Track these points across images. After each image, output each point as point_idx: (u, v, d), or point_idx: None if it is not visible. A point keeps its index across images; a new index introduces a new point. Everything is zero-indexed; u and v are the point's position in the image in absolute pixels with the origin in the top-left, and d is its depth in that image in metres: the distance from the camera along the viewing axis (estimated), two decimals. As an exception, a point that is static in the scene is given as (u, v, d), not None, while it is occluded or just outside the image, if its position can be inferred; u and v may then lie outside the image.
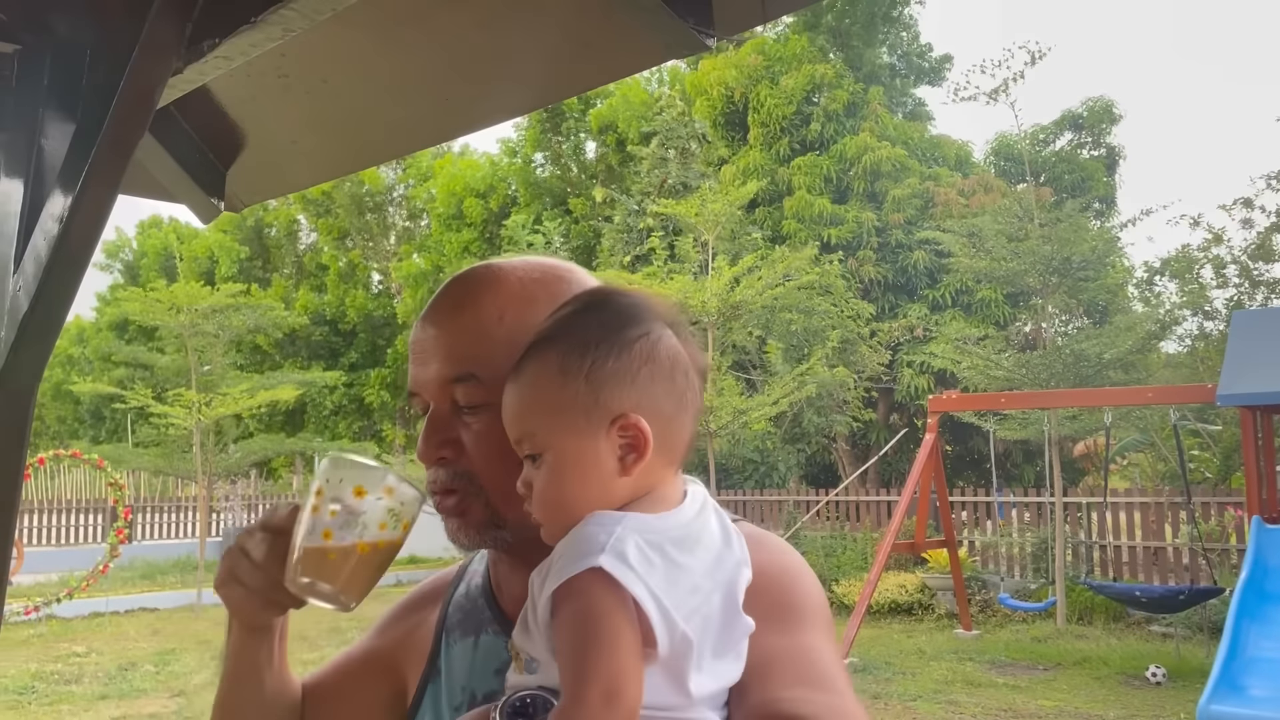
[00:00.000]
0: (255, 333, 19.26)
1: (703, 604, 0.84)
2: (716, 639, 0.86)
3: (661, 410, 0.89)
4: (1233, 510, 11.05)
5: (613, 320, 0.90)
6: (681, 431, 0.91)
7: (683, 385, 0.90)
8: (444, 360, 1.01)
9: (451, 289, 1.06)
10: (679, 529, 0.86)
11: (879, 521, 13.94)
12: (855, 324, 15.88)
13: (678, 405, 0.90)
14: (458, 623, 1.12)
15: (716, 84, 20.07)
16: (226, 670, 1.13)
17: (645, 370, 0.89)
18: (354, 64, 1.41)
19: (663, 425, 0.89)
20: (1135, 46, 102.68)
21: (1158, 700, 7.68)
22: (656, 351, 0.89)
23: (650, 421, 0.88)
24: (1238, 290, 16.46)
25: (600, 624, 0.79)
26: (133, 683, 8.42)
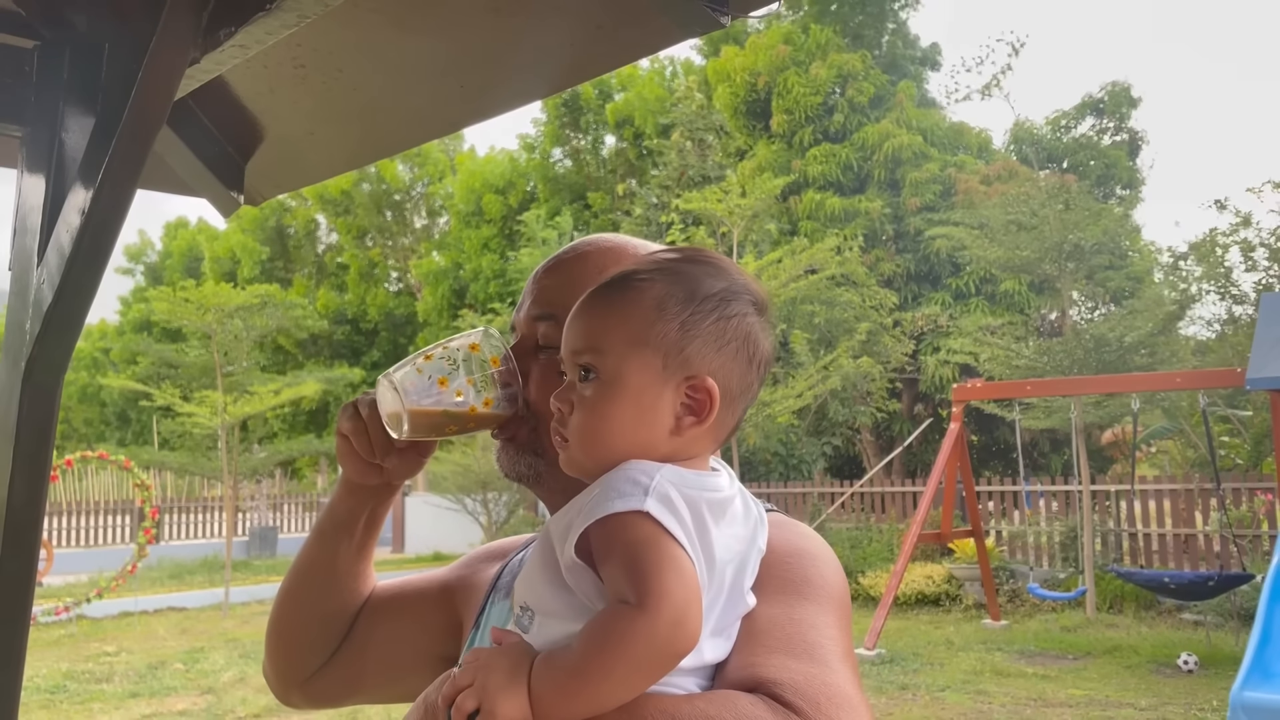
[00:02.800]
0: (279, 333, 19.41)
1: (716, 575, 0.85)
2: (721, 614, 0.86)
3: (730, 388, 0.90)
4: (1263, 496, 10.93)
5: (724, 287, 0.91)
6: (735, 416, 0.92)
7: (753, 375, 0.92)
8: (535, 300, 1.10)
9: (571, 245, 1.15)
10: (714, 493, 0.87)
11: (904, 513, 13.87)
12: (879, 314, 15.81)
13: (742, 390, 0.92)
14: (506, 585, 1.16)
15: (740, 70, 19.96)
16: (315, 524, 1.21)
17: (734, 345, 0.90)
18: (370, 53, 1.41)
19: (727, 403, 0.90)
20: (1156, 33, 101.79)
21: (1190, 688, 7.61)
22: (749, 333, 0.91)
23: (719, 394, 0.88)
24: (1266, 273, 16.25)
25: (664, 551, 0.79)
26: (162, 681, 8.49)
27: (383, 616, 1.24)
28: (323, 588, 1.21)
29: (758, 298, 0.93)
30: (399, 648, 1.23)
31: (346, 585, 1.21)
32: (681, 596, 0.78)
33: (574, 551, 0.83)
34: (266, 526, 20.50)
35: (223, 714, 7.40)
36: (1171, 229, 56.32)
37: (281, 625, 1.23)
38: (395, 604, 1.26)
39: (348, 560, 1.20)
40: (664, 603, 0.77)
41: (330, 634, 1.22)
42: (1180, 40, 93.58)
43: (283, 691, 1.27)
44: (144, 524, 13.13)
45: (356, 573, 1.22)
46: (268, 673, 1.27)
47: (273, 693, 1.29)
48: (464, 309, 24.48)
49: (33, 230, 1.19)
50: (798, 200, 18.57)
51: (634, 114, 24.86)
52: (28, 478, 1.10)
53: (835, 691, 0.83)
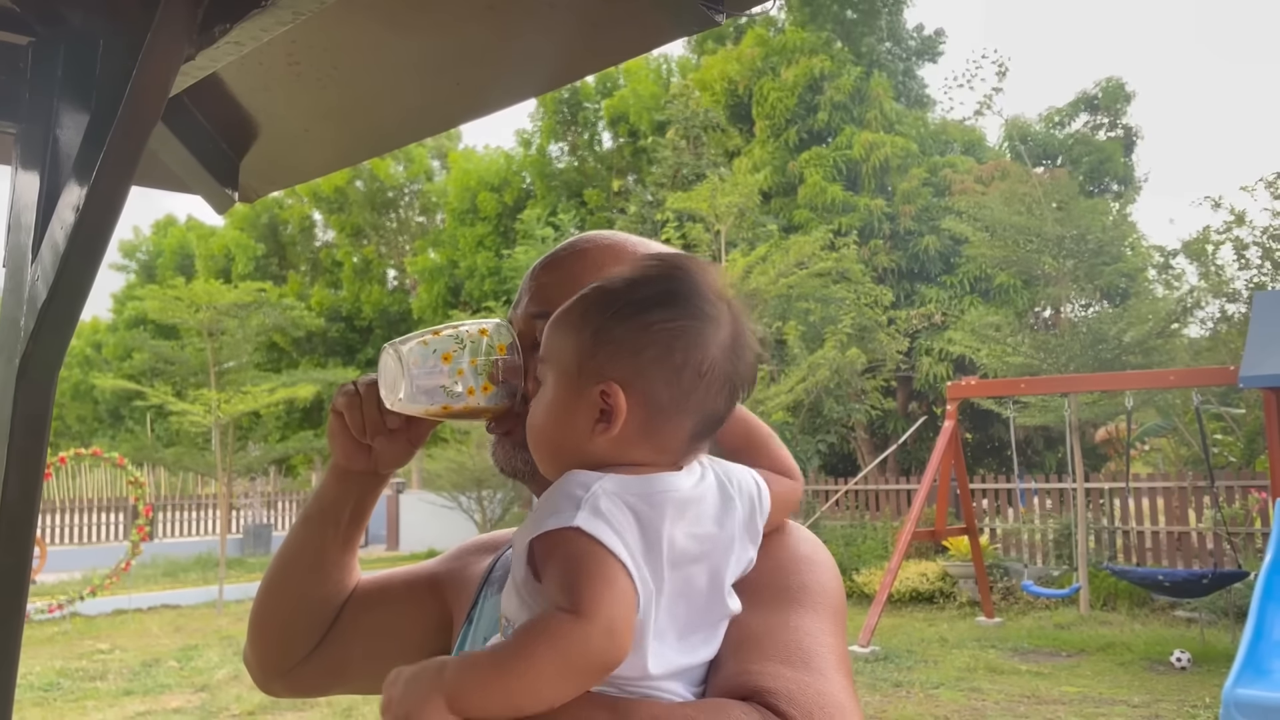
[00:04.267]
0: (275, 330, 19.37)
1: (679, 575, 0.84)
2: (690, 616, 0.85)
3: (655, 397, 0.88)
4: (1257, 493, 10.96)
5: (652, 295, 0.90)
6: (675, 430, 0.89)
7: (690, 385, 0.88)
8: (533, 298, 1.09)
9: (569, 241, 1.14)
10: (668, 493, 0.86)
11: (899, 510, 13.90)
12: (873, 311, 15.82)
13: (676, 401, 0.88)
14: (499, 578, 1.14)
15: (719, 78, 20.05)
16: (300, 515, 1.21)
17: (651, 353, 0.88)
18: (364, 50, 1.41)
19: (650, 412, 0.88)
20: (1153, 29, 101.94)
21: (1183, 685, 7.63)
22: (674, 342, 0.88)
23: (636, 403, 0.87)
24: (1259, 272, 16.30)
25: (597, 566, 0.80)
26: (156, 679, 8.48)
27: (369, 607, 1.24)
28: (307, 576, 1.20)
29: (710, 305, 0.90)
30: (385, 639, 1.22)
31: (331, 575, 1.21)
32: (613, 610, 0.78)
33: (525, 567, 0.85)
34: (261, 524, 20.48)
35: (217, 711, 7.39)
36: (1166, 226, 56.43)
37: (265, 613, 1.23)
38: (382, 594, 1.25)
39: (334, 549, 1.19)
40: (597, 612, 0.78)
41: (314, 623, 1.22)
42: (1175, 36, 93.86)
43: (264, 680, 1.27)
44: (138, 521, 13.12)
45: (342, 563, 1.21)
46: (249, 660, 1.26)
47: (254, 680, 1.29)
48: (459, 306, 24.47)
49: (27, 227, 1.18)
50: (791, 199, 18.58)
51: (629, 111, 24.86)
52: (22, 475, 1.10)
53: (829, 700, 0.83)
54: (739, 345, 0.91)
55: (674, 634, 0.84)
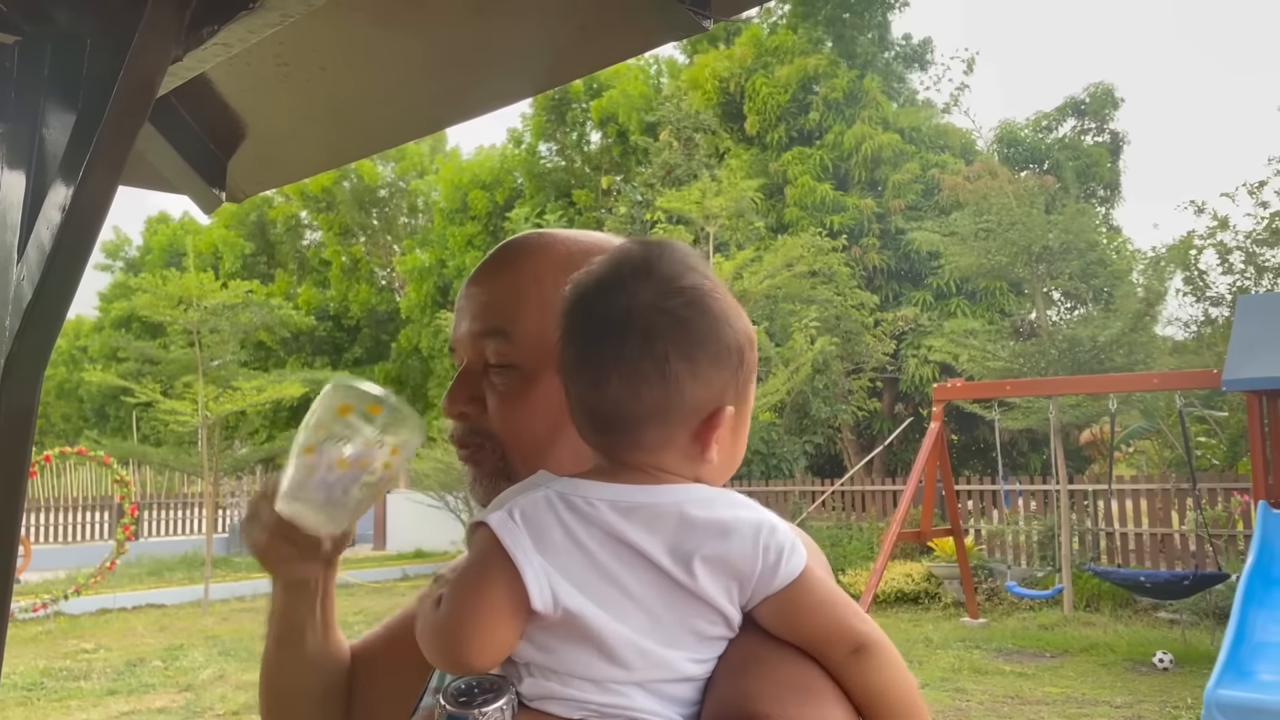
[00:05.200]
0: (262, 329, 19.31)
1: (638, 582, 0.79)
2: (665, 630, 0.79)
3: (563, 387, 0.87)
4: (1239, 496, 11.04)
5: (587, 283, 0.86)
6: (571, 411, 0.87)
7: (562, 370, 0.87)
8: (477, 316, 1.00)
9: (501, 249, 1.06)
10: (620, 498, 0.80)
11: (884, 511, 13.94)
12: (859, 313, 15.86)
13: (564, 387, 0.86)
14: None
15: (711, 77, 20.08)
16: (270, 631, 1.14)
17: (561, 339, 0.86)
18: (352, 52, 1.41)
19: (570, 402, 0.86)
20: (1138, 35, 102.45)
21: (1165, 686, 7.68)
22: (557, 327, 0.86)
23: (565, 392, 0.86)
24: (1242, 276, 16.42)
25: (473, 571, 0.79)
26: (141, 678, 8.45)
27: (377, 672, 1.18)
28: (303, 682, 1.15)
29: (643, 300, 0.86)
30: (397, 702, 1.13)
31: (326, 665, 1.16)
32: (462, 614, 0.78)
33: None
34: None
35: (201, 711, 7.36)
36: (1151, 230, 56.68)
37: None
38: (384, 655, 1.19)
39: (317, 647, 1.14)
40: (445, 612, 0.79)
41: (331, 713, 1.17)
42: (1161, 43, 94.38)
43: None
44: (123, 520, 13.05)
45: (330, 651, 1.16)
46: None
47: None
48: (448, 306, 24.43)
49: (12, 227, 1.18)
50: (779, 199, 18.62)
51: (618, 111, 24.86)
52: (6, 474, 1.10)
53: None
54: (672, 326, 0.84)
55: (651, 636, 0.79)
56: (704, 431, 0.83)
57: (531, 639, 0.79)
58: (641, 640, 0.79)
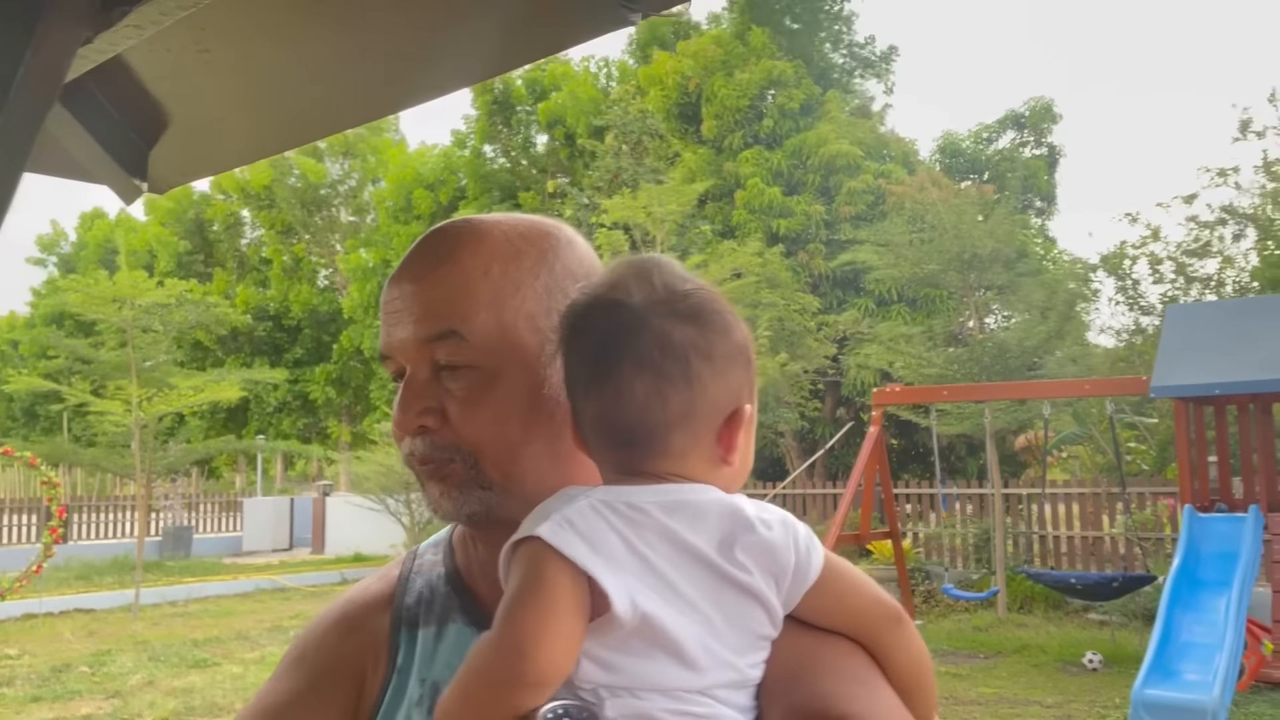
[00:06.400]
0: (198, 328, 18.93)
1: (691, 583, 0.77)
2: (720, 630, 0.77)
3: (572, 405, 0.86)
4: (1166, 500, 11.32)
5: (589, 298, 0.85)
6: (585, 438, 0.85)
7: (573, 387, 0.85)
8: (421, 318, 0.92)
9: (429, 243, 0.97)
10: (663, 499, 0.79)
11: (825, 514, 14.06)
12: (801, 318, 16.00)
13: (576, 405, 0.85)
14: (418, 615, 1.01)
15: (672, 74, 20.08)
16: None
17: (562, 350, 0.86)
18: (278, 39, 1.38)
19: (576, 417, 0.86)
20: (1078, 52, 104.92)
21: (1094, 686, 7.84)
22: (562, 346, 0.86)
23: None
24: (1173, 286, 16.87)
25: (536, 577, 0.74)
26: (67, 684, 8.22)
27: None
28: None
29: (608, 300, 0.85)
30: None
31: None
32: (527, 626, 0.72)
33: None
34: (181, 526, 19.99)
35: (130, 718, 7.19)
36: (1086, 240, 58.03)
37: None
38: None
39: None
40: (510, 628, 0.73)
41: None
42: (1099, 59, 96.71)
43: None
44: (51, 523, 12.70)
45: None
46: None
47: None
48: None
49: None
50: (729, 202, 18.72)
51: (566, 114, 24.83)
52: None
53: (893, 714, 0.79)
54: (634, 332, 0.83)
55: (713, 638, 0.77)
56: (726, 433, 0.82)
57: (594, 657, 0.75)
58: (711, 641, 0.76)
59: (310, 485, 27.32)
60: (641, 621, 0.74)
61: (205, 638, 10.18)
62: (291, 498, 23.07)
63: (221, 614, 12.04)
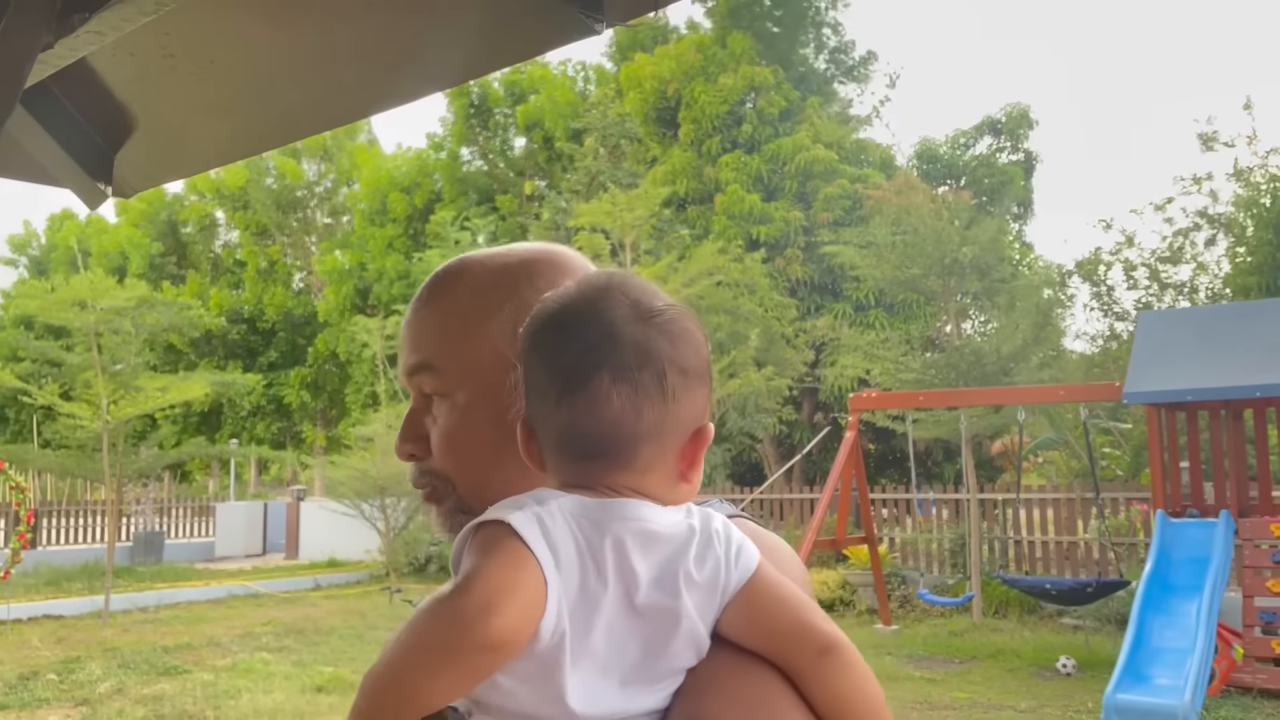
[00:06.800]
0: (170, 330, 18.74)
1: (632, 612, 0.75)
2: (630, 666, 0.75)
3: (532, 420, 0.84)
4: (1139, 505, 11.41)
5: (557, 307, 0.84)
6: (547, 450, 0.83)
7: (527, 401, 0.84)
8: (407, 351, 0.98)
9: (424, 283, 1.02)
10: (648, 527, 0.77)
11: (802, 519, 14.11)
12: (779, 324, 16.04)
13: (541, 415, 0.82)
14: None
15: (651, 78, 20.08)
16: None
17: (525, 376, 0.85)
18: (242, 45, 1.37)
19: (537, 435, 0.84)
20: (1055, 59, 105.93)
21: (1067, 690, 7.89)
22: (527, 355, 0.84)
23: (532, 428, 0.84)
24: (1146, 292, 17.05)
25: (501, 553, 0.72)
26: (34, 692, 8.11)
27: None
28: None
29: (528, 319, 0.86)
30: None
31: None
32: (497, 586, 0.70)
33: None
34: (152, 531, 19.78)
35: (98, 726, 7.10)
36: (1061, 246, 58.52)
37: None
38: None
39: None
40: (475, 585, 0.70)
41: None
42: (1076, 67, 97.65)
43: None
44: (18, 528, 12.54)
45: None
46: None
47: None
48: (366, 310, 24.05)
49: None
50: (709, 206, 18.76)
51: (544, 117, 24.81)
52: None
53: None
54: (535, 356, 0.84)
55: (615, 675, 0.75)
56: (690, 450, 0.82)
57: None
58: (606, 683, 0.74)
59: (284, 490, 27.13)
60: (555, 644, 0.72)
61: (176, 644, 10.07)
62: (265, 502, 22.89)
63: (193, 620, 11.92)
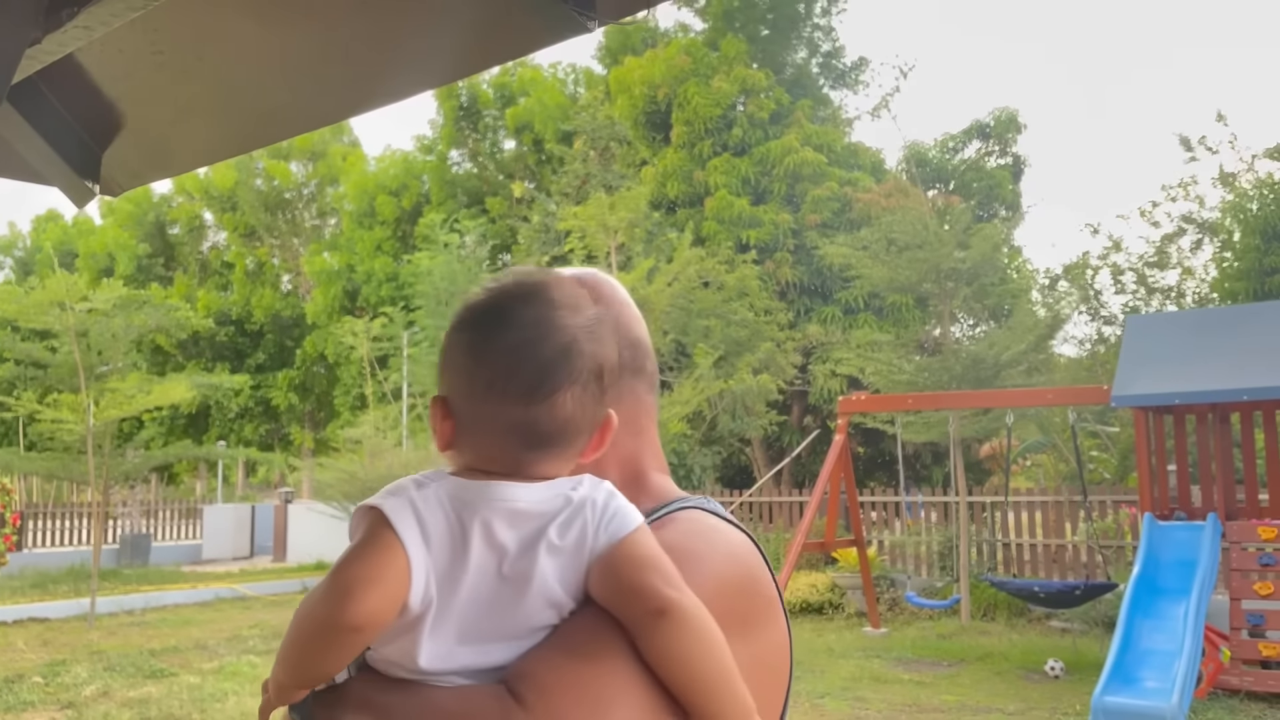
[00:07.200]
0: (156, 333, 18.63)
1: (491, 582, 0.84)
2: (493, 622, 0.84)
3: (459, 407, 0.90)
4: (1127, 508, 11.45)
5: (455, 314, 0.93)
6: (476, 430, 0.89)
7: (465, 391, 0.89)
8: None
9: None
10: (510, 502, 0.85)
11: (791, 522, 14.11)
12: (770, 328, 16.06)
13: (471, 408, 0.89)
14: None
15: (640, 82, 20.08)
16: None
17: (442, 363, 0.92)
18: (231, 43, 1.36)
19: (463, 421, 0.90)
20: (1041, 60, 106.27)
21: (1055, 693, 7.91)
22: (451, 352, 0.91)
23: (453, 412, 0.90)
24: (1134, 296, 17.13)
25: (367, 540, 0.83)
26: (19, 695, 8.05)
27: None
28: None
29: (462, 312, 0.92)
30: None
31: None
32: (354, 574, 0.81)
33: None
34: (139, 534, 19.68)
35: (84, 730, 7.06)
36: (1049, 250, 58.75)
37: None
38: None
39: None
40: (341, 574, 0.82)
41: None
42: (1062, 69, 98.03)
43: None
44: (4, 530, 12.47)
45: None
46: None
47: None
48: (355, 312, 23.98)
49: None
50: (699, 209, 18.77)
51: (534, 120, 24.79)
52: None
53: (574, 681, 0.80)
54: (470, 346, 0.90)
55: (471, 636, 0.84)
56: (599, 438, 0.92)
57: None
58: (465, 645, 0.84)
59: (272, 492, 27.03)
60: (421, 612, 0.82)
61: (163, 647, 10.02)
62: (253, 505, 22.80)
63: (180, 623, 11.86)
